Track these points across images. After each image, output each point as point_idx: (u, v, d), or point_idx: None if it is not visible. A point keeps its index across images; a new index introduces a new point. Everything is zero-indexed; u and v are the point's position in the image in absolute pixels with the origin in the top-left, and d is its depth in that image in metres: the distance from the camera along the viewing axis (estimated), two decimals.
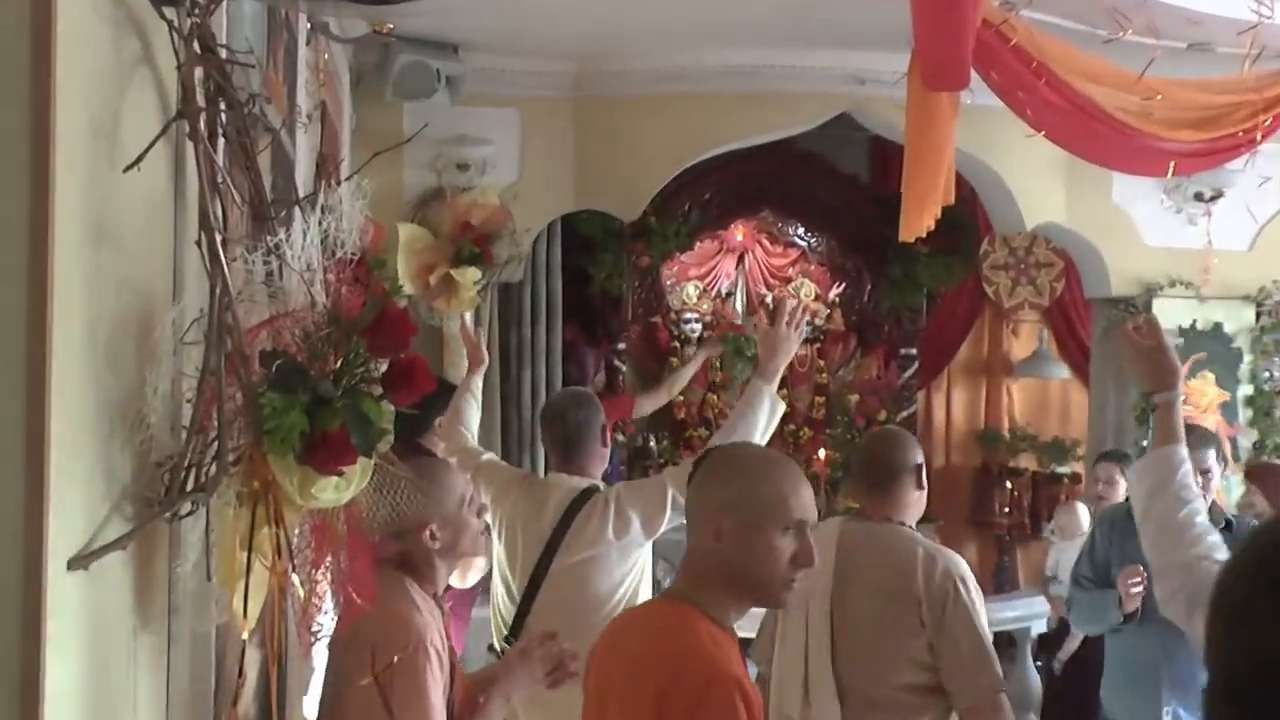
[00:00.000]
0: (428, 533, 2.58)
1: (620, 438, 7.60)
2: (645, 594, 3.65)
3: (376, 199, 2.34)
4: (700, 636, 2.08)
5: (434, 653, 2.43)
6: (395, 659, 2.36)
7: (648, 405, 7.27)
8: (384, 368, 1.76)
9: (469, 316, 6.02)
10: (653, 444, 7.97)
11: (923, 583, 3.09)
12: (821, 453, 8.13)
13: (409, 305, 5.80)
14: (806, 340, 8.54)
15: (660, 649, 2.09)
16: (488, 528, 3.61)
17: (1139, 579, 3.78)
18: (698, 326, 8.41)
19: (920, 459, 3.31)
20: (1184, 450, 2.64)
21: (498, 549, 3.77)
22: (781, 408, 3.54)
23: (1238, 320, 6.64)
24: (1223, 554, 2.55)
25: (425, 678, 2.39)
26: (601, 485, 3.70)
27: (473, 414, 4.20)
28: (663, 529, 3.60)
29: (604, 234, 7.27)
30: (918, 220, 4.60)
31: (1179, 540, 2.54)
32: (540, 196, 6.21)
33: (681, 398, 8.29)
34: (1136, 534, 2.71)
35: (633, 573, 3.65)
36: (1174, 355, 2.68)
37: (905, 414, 8.22)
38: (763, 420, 3.49)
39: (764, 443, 3.40)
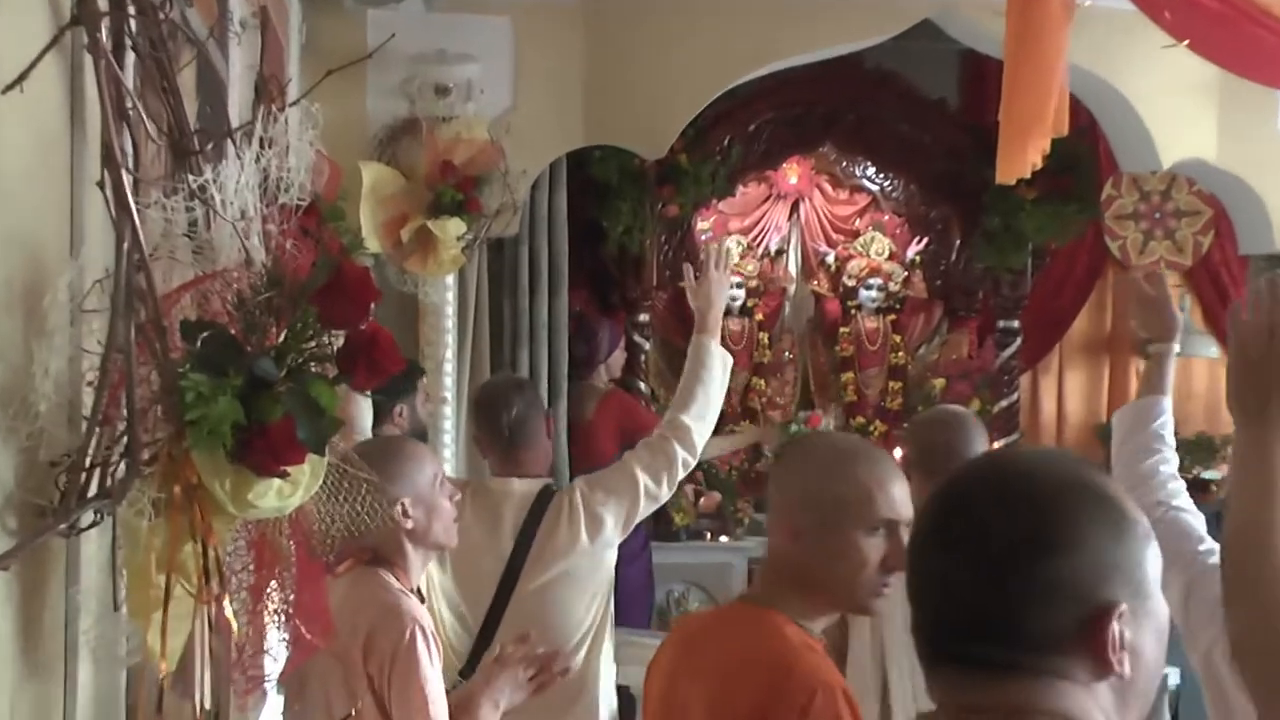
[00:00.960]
0: (399, 509, 2.91)
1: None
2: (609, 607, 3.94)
3: (333, 131, 2.34)
4: (793, 643, 2.26)
5: (430, 637, 2.81)
6: (392, 656, 2.79)
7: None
8: (339, 342, 1.77)
9: (450, 286, 6.06)
10: None
11: None
12: (898, 452, 8.11)
13: (373, 266, 5.82)
14: (878, 310, 8.54)
15: (753, 657, 2.27)
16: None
17: None
18: (740, 294, 8.39)
19: (984, 441, 3.66)
20: (1167, 402, 3.10)
21: (440, 578, 3.84)
22: (730, 362, 4.07)
23: None
24: (1182, 500, 3.03)
25: (424, 667, 2.78)
26: (553, 482, 3.84)
27: None
28: (636, 523, 3.92)
29: (621, 177, 7.25)
30: (1020, 157, 4.60)
31: (1141, 487, 2.95)
32: (540, 129, 6.20)
33: None
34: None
35: (605, 585, 3.88)
36: (1175, 308, 3.17)
37: (1004, 403, 8.19)
38: (719, 379, 3.99)
39: (719, 403, 3.93)
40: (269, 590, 1.81)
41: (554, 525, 3.80)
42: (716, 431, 7.86)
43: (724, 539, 7.67)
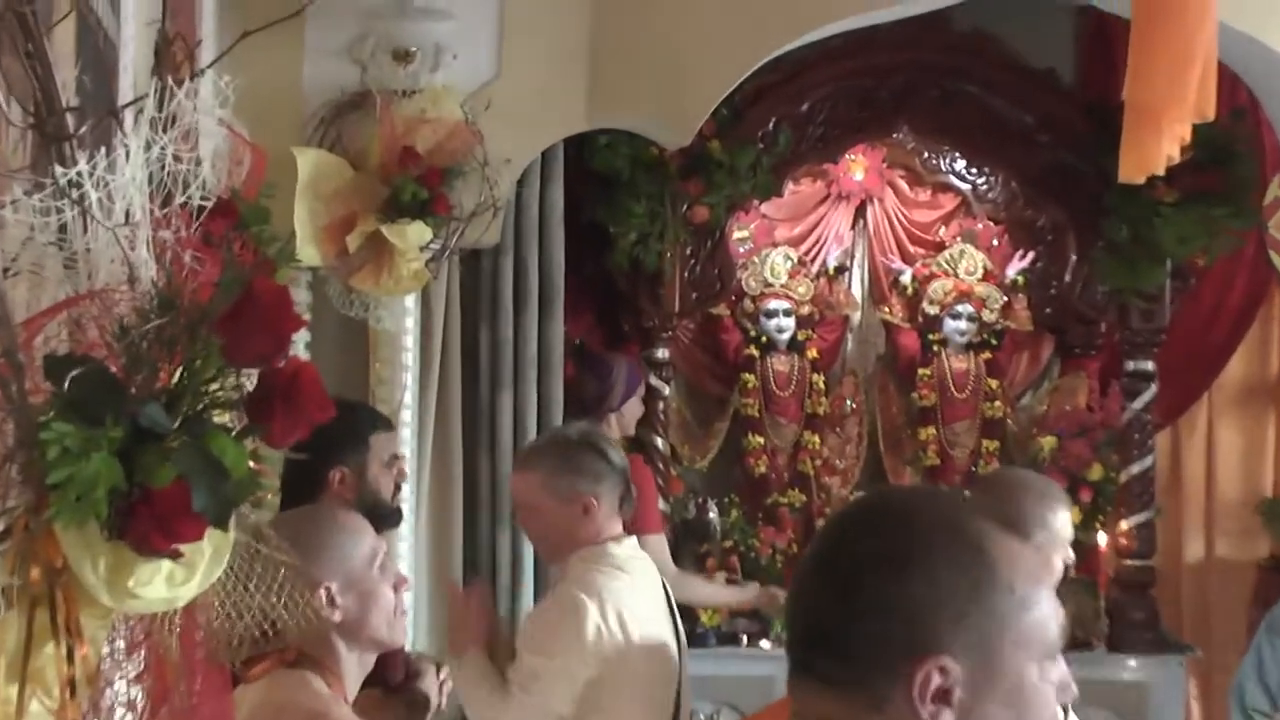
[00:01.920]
0: (322, 595, 2.93)
1: (664, 507, 7.62)
2: None
3: (258, 108, 2.35)
4: None
5: None
6: None
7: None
8: (251, 384, 1.78)
9: (410, 310, 6.07)
10: (713, 515, 7.97)
11: None
12: None
13: (309, 283, 5.84)
14: (969, 346, 8.53)
15: None
16: None
17: None
18: (789, 323, 8.40)
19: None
20: None
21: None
22: None
23: None
24: None
25: None
26: None
27: None
28: None
29: (634, 171, 7.27)
30: (1152, 147, 4.62)
31: None
32: (531, 108, 6.23)
33: (760, 440, 8.29)
34: None
35: None
36: None
37: (1136, 470, 8.15)
38: None
39: None
40: (156, 707, 1.81)
41: None
42: (761, 508, 7.91)
43: (764, 644, 7.65)
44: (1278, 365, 9.01)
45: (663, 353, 7.70)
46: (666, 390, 7.69)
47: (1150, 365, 8.29)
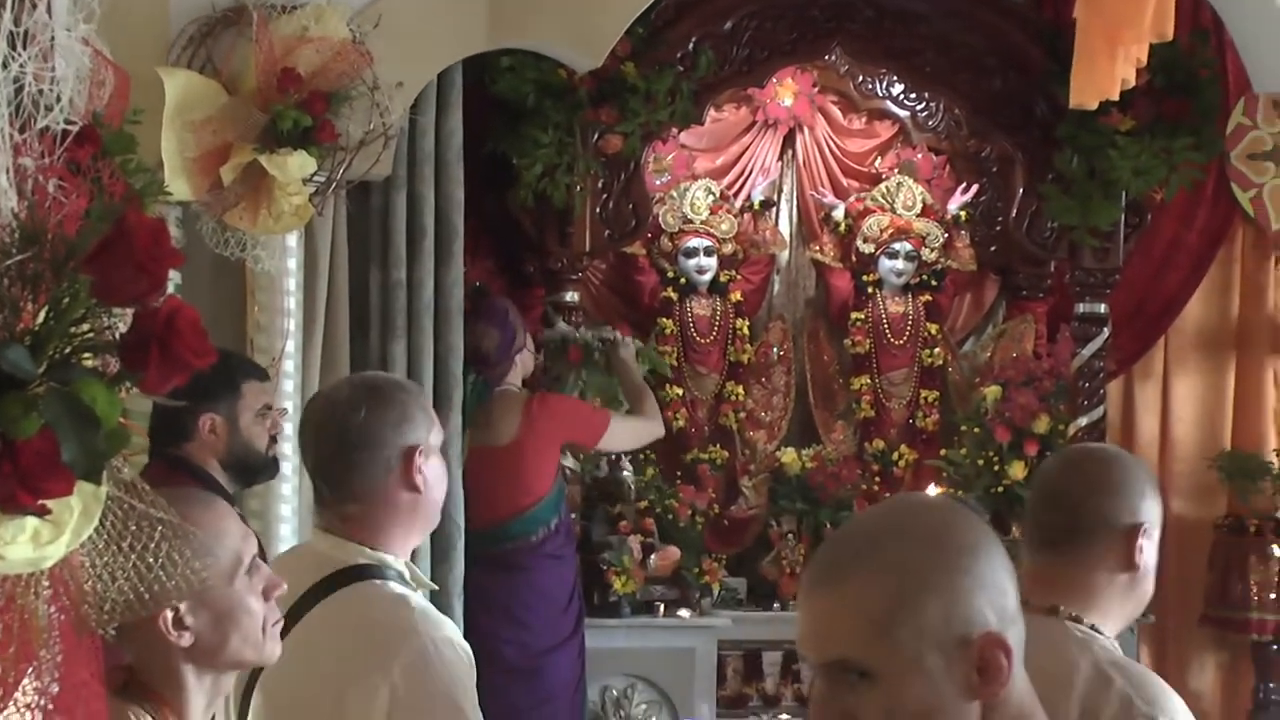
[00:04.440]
0: (165, 621, 2.63)
1: (571, 464, 7.63)
2: None
3: (122, 24, 2.35)
4: None
5: None
6: None
7: (631, 432, 7.27)
8: (123, 326, 1.78)
9: (293, 250, 6.05)
10: (627, 473, 7.98)
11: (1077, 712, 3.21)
12: (933, 489, 8.17)
13: (180, 219, 5.81)
14: (907, 288, 8.58)
15: None
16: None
17: None
18: (711, 263, 8.42)
19: (1149, 512, 3.39)
20: None
21: None
22: None
23: None
24: None
25: None
26: (390, 562, 3.59)
27: None
28: None
29: (541, 96, 7.27)
30: (1105, 70, 4.66)
31: None
32: (425, 26, 6.21)
33: (678, 391, 8.31)
34: None
35: None
36: None
37: (1085, 421, 8.25)
38: None
39: None
40: (19, 678, 1.82)
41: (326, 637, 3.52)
42: (680, 465, 7.95)
43: (684, 613, 7.71)
44: (1239, 309, 9.07)
45: (572, 296, 7.73)
46: (576, 337, 7.70)
47: (1103, 308, 8.37)
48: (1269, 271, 9.05)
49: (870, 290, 8.65)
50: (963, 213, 8.65)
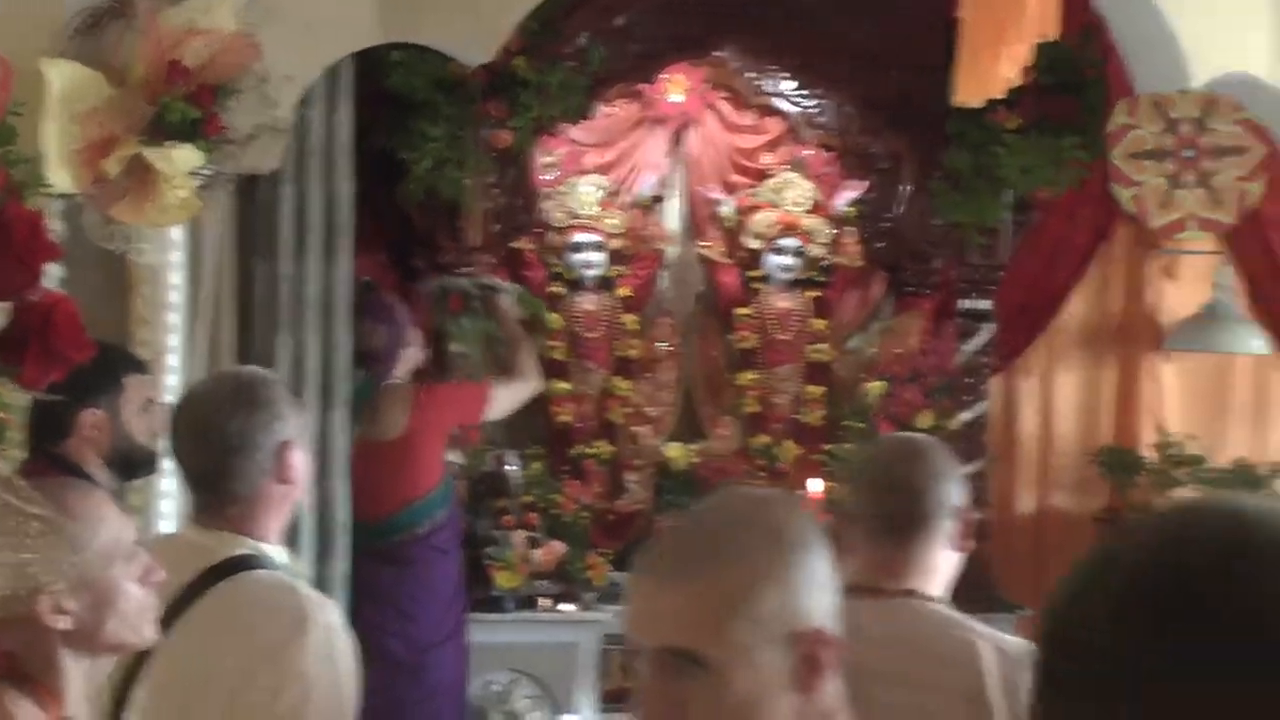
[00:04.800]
0: (46, 604, 2.68)
1: (456, 459, 7.65)
2: None
3: (15, 16, 2.37)
4: None
5: None
6: None
7: (510, 395, 7.30)
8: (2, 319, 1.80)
9: (178, 244, 6.04)
10: (512, 467, 8.01)
11: (1001, 690, 3.38)
12: (818, 484, 8.23)
13: (61, 212, 5.80)
14: (794, 284, 8.64)
15: None
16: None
17: None
18: (599, 258, 8.45)
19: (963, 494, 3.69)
20: None
21: None
22: None
23: None
24: None
25: None
26: (270, 552, 3.64)
27: None
28: None
29: (432, 90, 7.28)
30: (990, 68, 4.72)
31: None
32: (315, 19, 6.20)
33: (565, 386, 8.34)
34: None
35: None
36: None
37: (968, 416, 8.34)
38: None
39: None
40: None
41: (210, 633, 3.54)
42: (566, 459, 7.98)
43: (568, 608, 7.76)
44: (1119, 306, 9.19)
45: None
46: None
47: (987, 305, 8.46)
48: (1148, 269, 9.19)
49: (757, 286, 8.68)
50: (851, 209, 8.68)
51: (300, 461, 3.62)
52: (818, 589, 2.29)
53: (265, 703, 3.34)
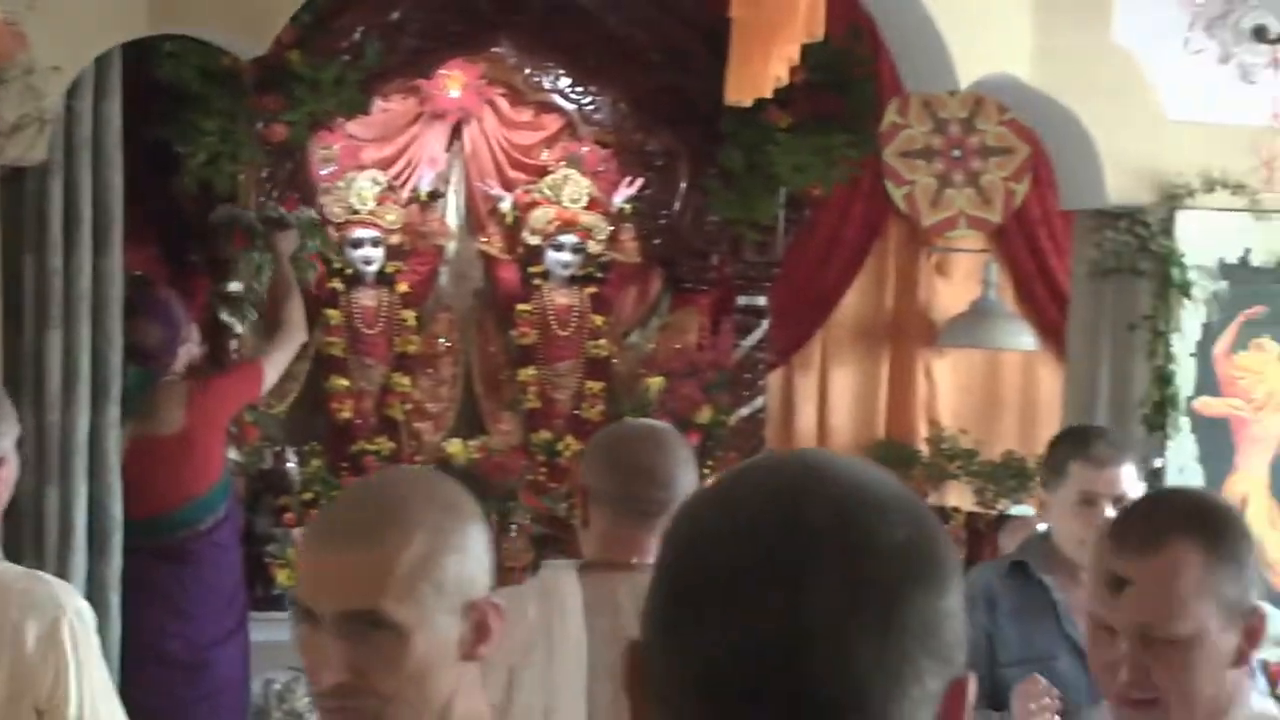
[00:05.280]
0: None
1: (236, 455, 7.59)
2: None
3: None
4: None
5: None
6: None
7: (281, 357, 7.24)
8: None
9: None
10: (292, 465, 7.97)
11: None
12: None
13: None
14: (573, 280, 8.68)
15: None
16: None
17: (1047, 699, 4.06)
18: (377, 253, 8.45)
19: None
20: None
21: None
22: None
23: None
24: None
25: None
26: None
27: None
28: None
29: (204, 83, 7.22)
30: (760, 68, 4.77)
31: None
32: (83, 8, 6.12)
33: (344, 383, 8.31)
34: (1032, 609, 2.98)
35: None
36: None
37: (746, 412, 8.43)
38: None
39: None
40: None
41: None
42: (345, 456, 7.94)
43: None
44: (893, 302, 9.35)
45: (236, 286, 7.66)
46: (240, 328, 7.65)
47: (763, 301, 8.57)
48: (920, 266, 9.35)
49: (537, 282, 8.73)
50: (628, 206, 8.78)
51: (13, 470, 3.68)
52: (486, 558, 2.42)
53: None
